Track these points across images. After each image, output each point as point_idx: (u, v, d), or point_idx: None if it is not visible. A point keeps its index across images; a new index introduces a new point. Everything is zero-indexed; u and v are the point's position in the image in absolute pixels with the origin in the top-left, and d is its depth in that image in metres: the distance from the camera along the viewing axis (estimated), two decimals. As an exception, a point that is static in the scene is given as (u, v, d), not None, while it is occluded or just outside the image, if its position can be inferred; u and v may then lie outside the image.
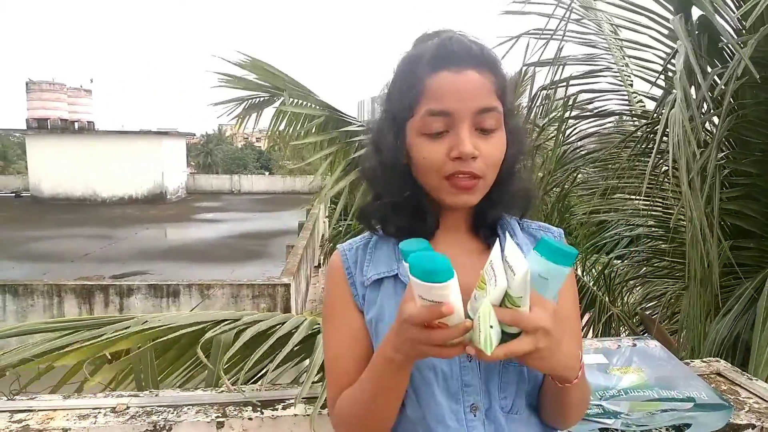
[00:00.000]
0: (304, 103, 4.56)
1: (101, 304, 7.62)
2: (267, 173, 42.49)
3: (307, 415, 1.38)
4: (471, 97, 0.88)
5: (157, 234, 16.44)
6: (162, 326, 1.60)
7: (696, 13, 2.42)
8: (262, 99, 4.57)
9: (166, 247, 14.52)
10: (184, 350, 1.70)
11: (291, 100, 4.56)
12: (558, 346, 0.78)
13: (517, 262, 0.74)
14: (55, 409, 1.39)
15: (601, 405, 1.29)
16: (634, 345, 1.51)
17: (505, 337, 0.76)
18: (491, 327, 0.73)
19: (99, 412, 1.37)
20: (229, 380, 1.47)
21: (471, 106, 0.88)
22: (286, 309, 7.84)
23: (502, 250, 0.77)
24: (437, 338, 0.74)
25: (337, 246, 1.06)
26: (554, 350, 0.78)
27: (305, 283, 10.81)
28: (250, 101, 4.58)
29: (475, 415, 0.90)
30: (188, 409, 1.40)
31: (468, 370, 0.91)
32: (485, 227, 0.99)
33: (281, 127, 4.64)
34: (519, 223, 1.02)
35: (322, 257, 15.26)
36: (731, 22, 2.34)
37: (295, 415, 1.39)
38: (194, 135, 37.86)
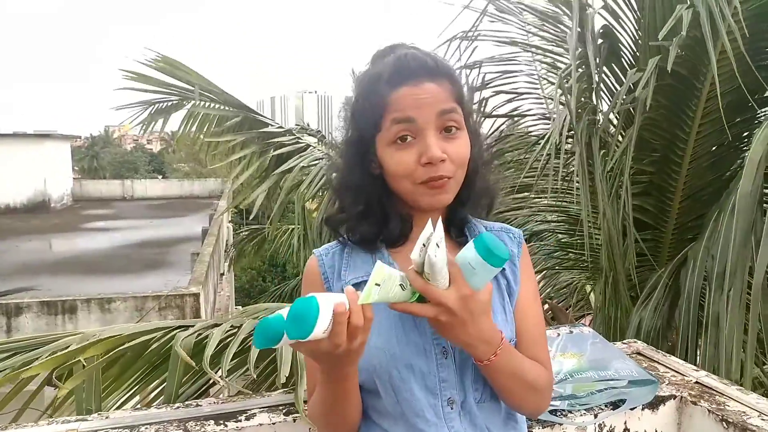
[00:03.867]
0: (218, 105, 4.40)
1: (-16, 325, 6.90)
2: (161, 177, 40.31)
3: (273, 423, 1.38)
4: (431, 104, 0.95)
5: (41, 246, 15.09)
6: (106, 339, 1.52)
7: (599, 21, 2.66)
8: (170, 103, 4.34)
9: (53, 259, 13.36)
10: (129, 365, 1.62)
11: (201, 103, 4.38)
12: (462, 326, 0.87)
13: (432, 245, 0.84)
14: (-7, 443, 1.28)
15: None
16: (571, 332, 1.66)
17: (422, 300, 0.87)
18: (377, 285, 0.82)
19: (47, 441, 1.29)
20: (182, 389, 1.43)
21: (432, 111, 0.95)
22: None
23: (433, 231, 0.85)
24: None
25: (314, 251, 1.10)
26: (456, 328, 0.87)
27: (213, 292, 10.45)
28: (157, 105, 4.33)
29: (452, 408, 0.97)
30: (145, 428, 1.35)
31: (444, 366, 0.97)
32: (455, 226, 1.06)
33: (193, 128, 4.44)
34: (484, 226, 1.10)
35: (227, 264, 14.76)
36: (629, 32, 2.59)
37: (260, 425, 1.38)
38: (79, 137, 35.13)
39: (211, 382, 1.84)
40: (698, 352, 2.15)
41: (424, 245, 0.85)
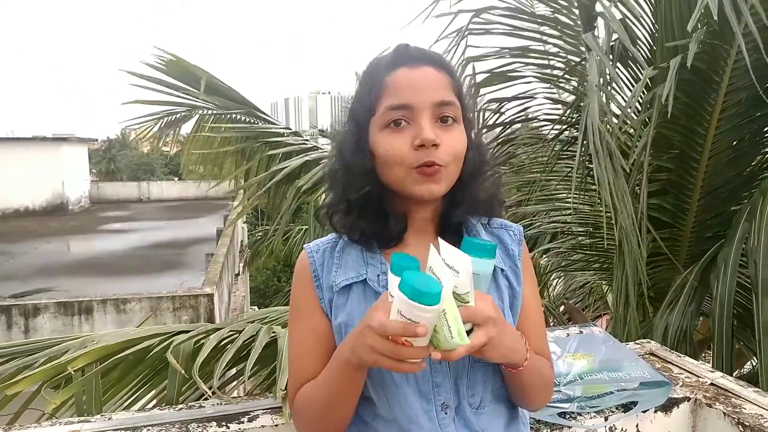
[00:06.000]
0: (224, 114, 4.40)
1: (2, 326, 6.98)
2: (177, 179, 40.57)
3: (275, 425, 1.36)
4: (428, 90, 0.92)
5: (59, 248, 15.30)
6: (109, 344, 1.51)
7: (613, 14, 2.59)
8: (179, 115, 4.36)
9: (70, 261, 13.54)
10: (129, 369, 1.61)
11: (207, 112, 4.39)
12: (504, 331, 0.85)
13: (458, 260, 0.79)
14: (-4, 444, 1.28)
15: (559, 390, 1.38)
16: (581, 332, 1.62)
17: None
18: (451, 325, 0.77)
19: (49, 443, 1.28)
20: (183, 396, 1.42)
21: (429, 98, 0.92)
22: (210, 320, 7.57)
23: (440, 253, 0.82)
24: (399, 353, 0.78)
25: (304, 246, 1.06)
26: (502, 336, 0.84)
27: (227, 292, 10.49)
28: (166, 118, 4.33)
29: (446, 413, 0.94)
30: (147, 430, 1.34)
31: (438, 371, 0.95)
32: (451, 230, 1.02)
33: (199, 134, 4.45)
34: (482, 224, 1.06)
35: (241, 265, 14.85)
36: (647, 27, 2.52)
37: (263, 426, 1.36)
38: (96, 140, 35.50)
39: (216, 386, 1.83)
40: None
41: (447, 270, 0.80)
